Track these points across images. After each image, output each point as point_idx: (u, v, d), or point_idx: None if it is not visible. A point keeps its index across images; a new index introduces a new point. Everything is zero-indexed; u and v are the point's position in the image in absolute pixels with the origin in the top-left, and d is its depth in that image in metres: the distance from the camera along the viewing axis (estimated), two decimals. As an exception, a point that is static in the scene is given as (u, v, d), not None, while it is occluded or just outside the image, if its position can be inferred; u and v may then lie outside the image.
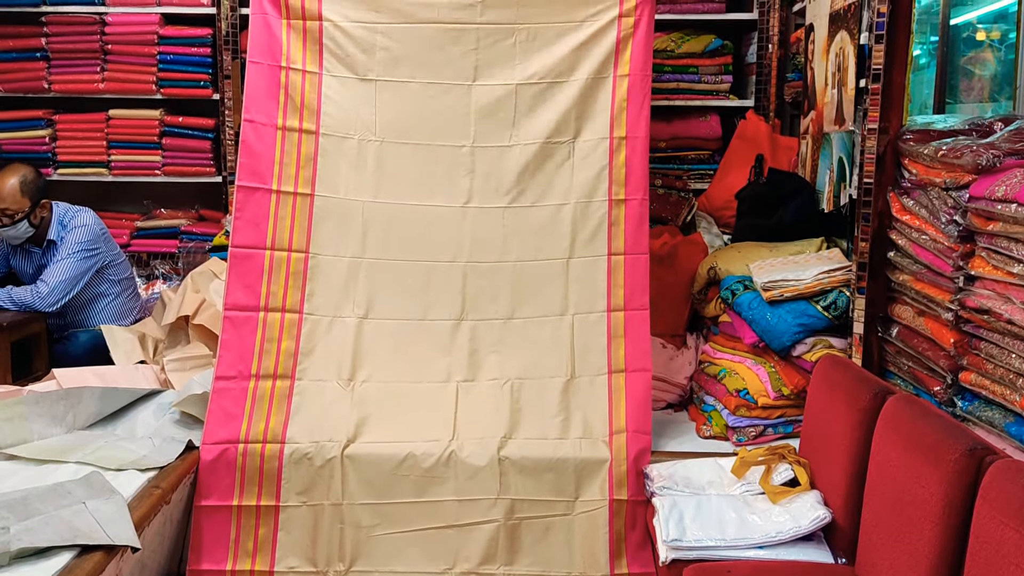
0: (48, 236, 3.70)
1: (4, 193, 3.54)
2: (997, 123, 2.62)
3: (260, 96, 3.05)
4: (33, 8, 4.43)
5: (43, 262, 3.73)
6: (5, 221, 3.56)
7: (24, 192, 3.56)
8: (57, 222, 3.71)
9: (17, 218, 3.56)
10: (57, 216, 3.72)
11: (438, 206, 3.11)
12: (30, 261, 3.79)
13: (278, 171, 3.04)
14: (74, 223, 3.71)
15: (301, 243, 3.05)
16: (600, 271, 3.07)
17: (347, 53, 3.11)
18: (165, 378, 3.34)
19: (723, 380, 3.18)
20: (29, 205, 3.59)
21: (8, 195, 3.54)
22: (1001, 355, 2.22)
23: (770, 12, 4.25)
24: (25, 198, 3.57)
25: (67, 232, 3.69)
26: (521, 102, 3.13)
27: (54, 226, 3.70)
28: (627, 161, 3.09)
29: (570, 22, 3.12)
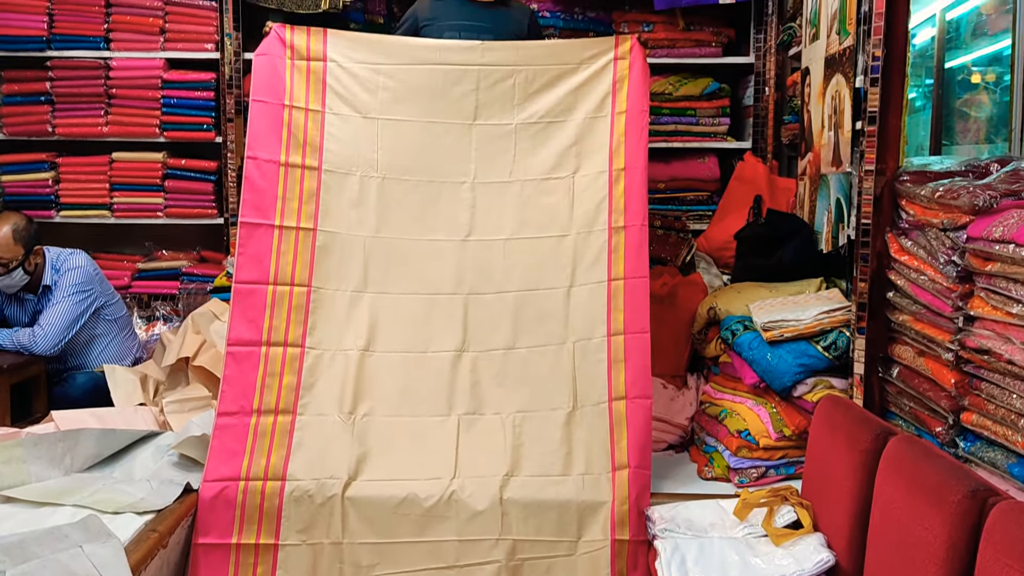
0: (43, 282, 3.70)
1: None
2: (993, 164, 2.65)
3: (263, 133, 3.09)
4: (39, 53, 4.49)
5: (39, 308, 3.73)
6: (0, 270, 3.56)
7: (17, 240, 3.56)
8: (50, 267, 3.71)
9: (12, 266, 3.56)
10: (50, 261, 3.72)
11: (439, 240, 3.14)
12: (24, 309, 3.78)
13: (280, 207, 3.07)
14: (67, 265, 3.71)
15: (303, 277, 3.07)
16: (600, 297, 3.08)
17: (350, 92, 3.15)
18: (164, 420, 3.32)
19: (724, 421, 3.17)
20: (23, 253, 3.58)
21: (1, 244, 3.53)
22: (1002, 395, 2.22)
23: (766, 56, 4.31)
24: (19, 246, 3.57)
25: (60, 275, 3.69)
26: (521, 140, 3.17)
27: (48, 271, 3.70)
28: (626, 190, 3.12)
29: (568, 65, 3.17)
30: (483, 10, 3.49)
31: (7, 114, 4.56)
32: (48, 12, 4.46)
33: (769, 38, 4.29)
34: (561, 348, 3.06)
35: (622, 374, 3.01)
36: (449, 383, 3.03)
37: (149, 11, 4.48)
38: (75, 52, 4.49)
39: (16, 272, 3.58)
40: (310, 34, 3.16)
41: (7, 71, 4.55)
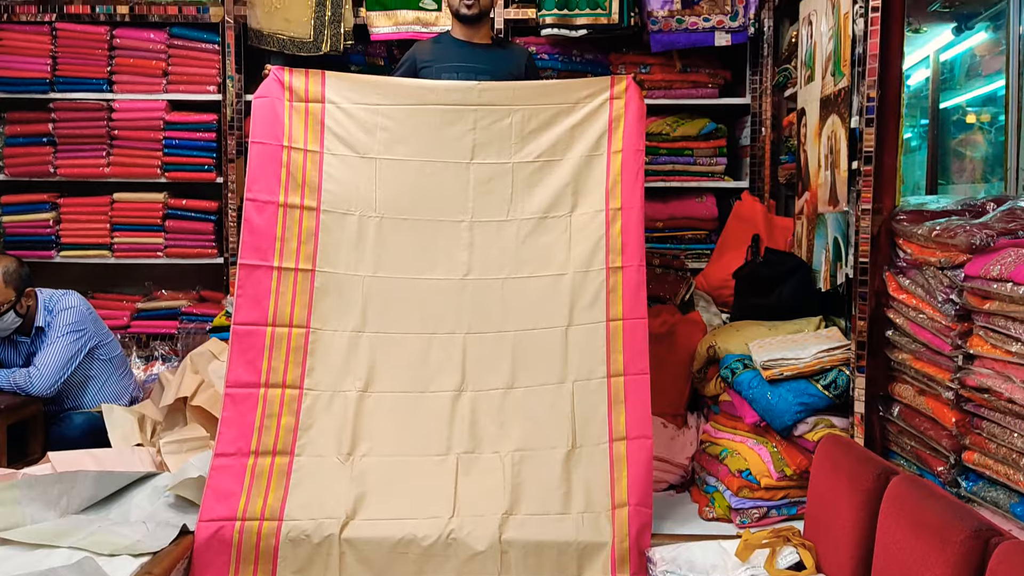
0: (36, 323, 3.69)
1: None
2: (989, 203, 2.66)
3: (262, 174, 3.11)
4: (42, 95, 4.53)
5: (32, 350, 3.71)
6: None
7: (8, 283, 3.55)
8: (43, 308, 3.70)
9: (3, 309, 3.54)
10: (42, 303, 3.71)
11: (438, 279, 3.14)
12: (18, 351, 3.77)
13: (279, 247, 3.07)
14: (60, 306, 3.70)
15: (302, 318, 3.07)
16: (599, 337, 3.08)
17: (348, 133, 3.17)
18: (161, 460, 3.30)
19: (725, 460, 3.16)
20: (14, 295, 3.57)
21: None
22: (1003, 434, 2.21)
23: (762, 97, 4.36)
24: (9, 289, 3.55)
25: (54, 316, 3.68)
26: (518, 179, 3.19)
27: (41, 313, 3.69)
28: (623, 230, 3.13)
29: (564, 104, 3.20)
30: (481, 52, 3.53)
31: (9, 155, 4.59)
32: (52, 55, 4.52)
33: (765, 79, 4.34)
34: (560, 388, 3.05)
35: (622, 415, 3.01)
36: (448, 423, 3.02)
37: (152, 54, 4.53)
38: (78, 94, 4.54)
39: (8, 315, 3.57)
40: (308, 76, 3.18)
41: (10, 113, 4.59)
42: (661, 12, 4.27)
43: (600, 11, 4.27)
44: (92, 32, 4.51)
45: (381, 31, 4.44)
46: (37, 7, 4.52)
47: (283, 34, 4.42)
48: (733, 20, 4.28)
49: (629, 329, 3.07)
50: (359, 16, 4.45)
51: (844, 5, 3.09)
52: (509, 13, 4.39)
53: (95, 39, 4.51)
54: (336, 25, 4.37)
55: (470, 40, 3.52)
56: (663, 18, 4.27)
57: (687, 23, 4.28)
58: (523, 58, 3.66)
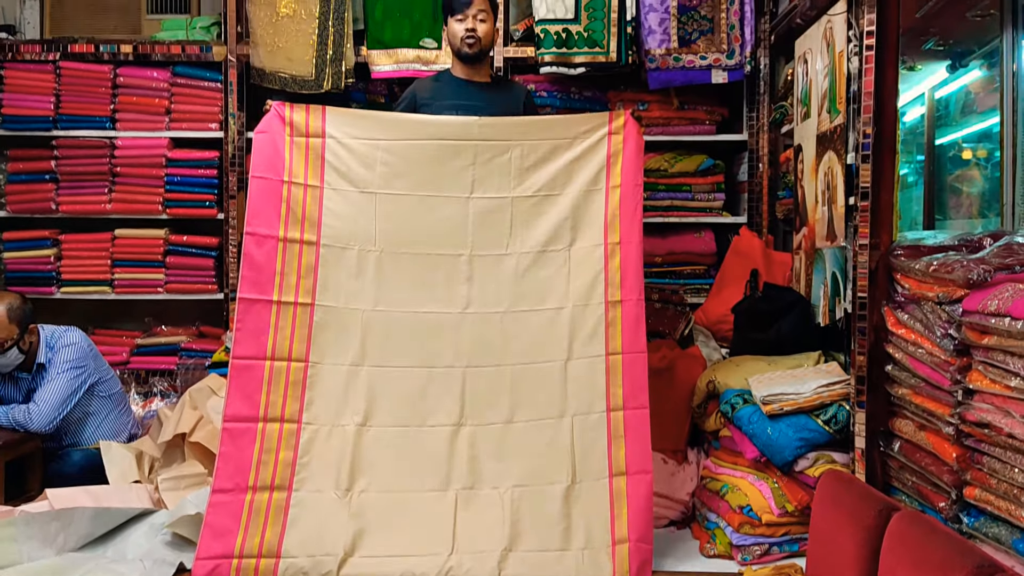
0: (37, 360, 3.69)
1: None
2: (986, 239, 2.68)
3: (262, 209, 3.11)
4: (45, 133, 4.57)
5: (33, 386, 3.71)
6: None
7: (12, 319, 3.56)
8: (44, 345, 3.71)
9: (7, 346, 3.55)
10: (44, 339, 3.72)
11: (437, 312, 3.14)
12: (19, 388, 3.76)
13: (279, 282, 3.08)
14: (62, 343, 3.71)
15: (301, 352, 3.06)
16: (598, 371, 3.08)
17: (348, 167, 3.19)
18: (158, 497, 3.28)
19: (726, 496, 3.14)
20: (18, 332, 3.58)
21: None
22: (1004, 470, 2.21)
23: (759, 133, 4.40)
24: (13, 325, 3.57)
25: (55, 353, 3.69)
26: (517, 213, 3.20)
27: (42, 349, 3.70)
28: (622, 264, 3.14)
29: (563, 139, 3.22)
30: (481, 90, 3.55)
31: (11, 192, 4.62)
32: (56, 93, 4.56)
33: (762, 116, 4.38)
34: (560, 422, 3.05)
35: (622, 450, 2.99)
36: (447, 458, 3.01)
37: (155, 92, 4.58)
38: (81, 132, 4.57)
39: (11, 351, 3.58)
40: (309, 111, 3.21)
41: (13, 150, 4.63)
42: (658, 50, 4.33)
43: (598, 49, 4.32)
44: (96, 71, 4.56)
45: (382, 69, 4.49)
46: (42, 46, 4.58)
47: (285, 72, 4.47)
48: (730, 58, 4.34)
49: (629, 363, 3.07)
50: (360, 55, 4.50)
51: (839, 43, 3.14)
52: (509, 51, 4.45)
53: (99, 77, 4.56)
54: (337, 63, 4.42)
55: (470, 78, 3.55)
56: (660, 56, 4.33)
57: (684, 61, 4.34)
58: (522, 96, 3.69)
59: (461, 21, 3.44)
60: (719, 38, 4.35)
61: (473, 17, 3.43)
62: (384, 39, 4.47)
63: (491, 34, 3.52)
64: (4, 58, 4.56)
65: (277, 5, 4.44)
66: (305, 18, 4.43)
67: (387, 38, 4.47)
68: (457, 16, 3.45)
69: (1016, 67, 3.61)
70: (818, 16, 3.44)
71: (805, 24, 3.63)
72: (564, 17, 4.32)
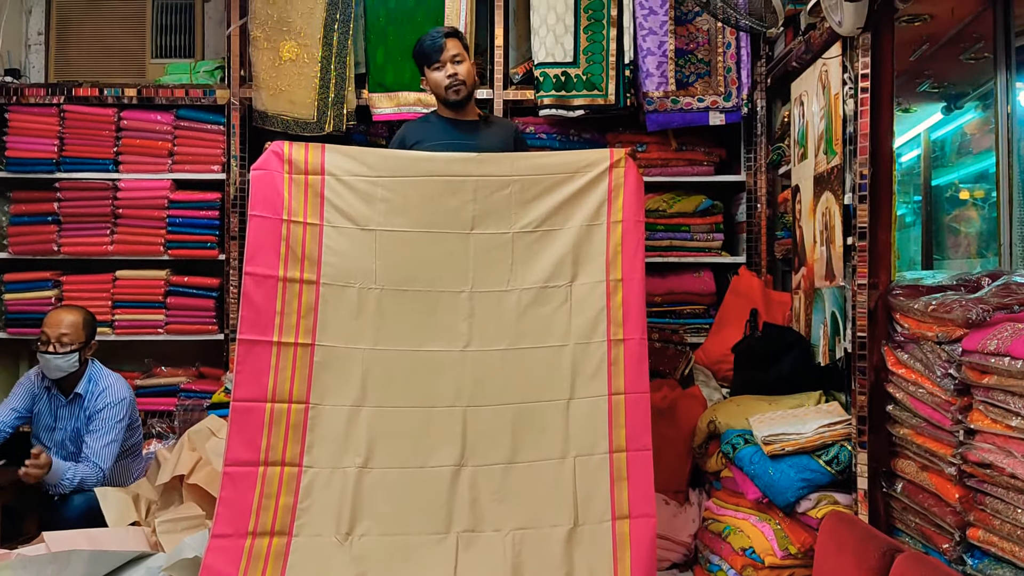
0: (76, 389, 3.72)
1: (69, 321, 3.66)
2: (984, 278, 2.69)
3: (261, 248, 3.09)
4: (48, 175, 4.61)
5: (67, 413, 3.74)
6: (59, 348, 3.62)
7: (85, 327, 3.71)
8: (90, 378, 3.74)
9: (73, 348, 3.63)
10: (91, 373, 3.76)
11: (438, 351, 3.11)
12: (51, 407, 3.78)
13: (279, 322, 3.06)
14: (114, 393, 3.74)
15: (301, 394, 3.04)
16: (601, 411, 3.05)
17: (348, 204, 3.17)
18: (156, 540, 3.25)
19: (728, 538, 3.11)
20: (84, 340, 3.69)
21: (71, 324, 3.65)
22: (1007, 510, 2.19)
23: (757, 174, 4.43)
24: (84, 332, 3.69)
25: (101, 399, 3.71)
26: (518, 249, 3.19)
27: (85, 381, 3.73)
28: (624, 302, 3.12)
29: (563, 173, 3.20)
30: (470, 129, 3.52)
31: (14, 233, 4.64)
32: (59, 136, 4.60)
33: (759, 157, 4.42)
34: (562, 463, 3.02)
35: (625, 492, 2.96)
36: (448, 499, 2.98)
37: (158, 135, 4.62)
38: (84, 174, 4.60)
39: (72, 356, 3.64)
40: (308, 149, 3.19)
41: (16, 192, 4.66)
42: (656, 93, 4.38)
43: (597, 92, 4.37)
44: (100, 114, 4.61)
45: (383, 111, 4.54)
46: (46, 90, 4.63)
47: (287, 115, 4.52)
48: (727, 100, 4.39)
49: (632, 404, 3.04)
50: (361, 97, 4.55)
51: (834, 86, 3.18)
52: (508, 94, 4.50)
53: (102, 121, 4.61)
54: (339, 106, 4.48)
55: (458, 117, 3.52)
56: (658, 98, 4.38)
57: (682, 103, 4.39)
58: (511, 132, 3.66)
59: (439, 69, 3.41)
60: (716, 81, 4.40)
61: (450, 62, 3.39)
62: (386, 82, 4.53)
63: (471, 71, 3.47)
64: (9, 101, 4.61)
65: (280, 49, 4.51)
66: (308, 62, 4.49)
67: (388, 81, 4.53)
68: (434, 65, 3.42)
69: (1011, 108, 3.65)
70: (813, 59, 3.48)
71: (801, 67, 3.68)
72: (563, 60, 4.38)
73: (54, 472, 3.46)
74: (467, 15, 4.43)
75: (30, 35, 5.03)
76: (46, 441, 3.78)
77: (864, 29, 2.89)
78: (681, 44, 4.40)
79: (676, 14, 4.41)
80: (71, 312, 3.73)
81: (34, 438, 3.81)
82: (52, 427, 3.77)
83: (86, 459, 3.62)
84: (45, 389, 3.78)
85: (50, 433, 3.78)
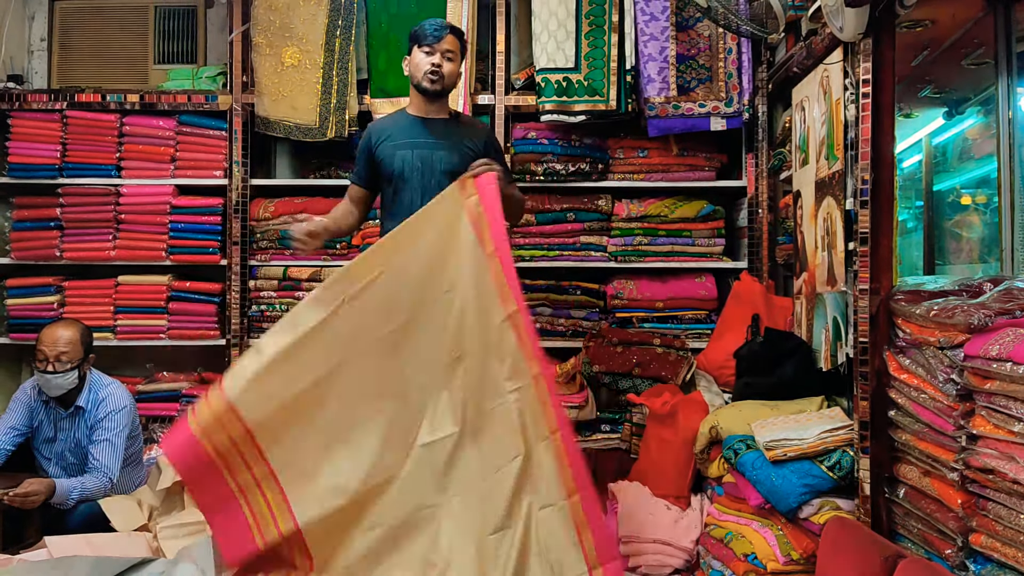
0: (77, 402, 3.72)
1: (66, 339, 3.64)
2: (986, 284, 2.69)
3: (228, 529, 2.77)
4: (50, 180, 4.61)
5: (68, 425, 3.73)
6: (58, 367, 3.61)
7: (81, 342, 3.70)
8: (90, 389, 3.74)
9: (72, 365, 3.63)
10: (90, 383, 3.75)
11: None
12: (50, 419, 3.78)
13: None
14: (114, 402, 3.74)
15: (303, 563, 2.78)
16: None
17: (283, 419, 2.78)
18: (157, 546, 3.26)
19: (730, 544, 3.11)
20: (82, 355, 3.69)
21: (69, 341, 3.64)
22: (1010, 516, 2.19)
23: (759, 179, 4.43)
24: (81, 348, 3.68)
25: (102, 408, 3.71)
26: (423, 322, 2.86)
27: (85, 392, 3.73)
28: (520, 337, 2.73)
29: (427, 231, 2.90)
30: (438, 126, 3.38)
31: (16, 239, 4.65)
32: (62, 142, 4.61)
33: (761, 162, 4.42)
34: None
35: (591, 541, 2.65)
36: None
37: (161, 141, 4.63)
38: (86, 180, 4.61)
39: (71, 373, 3.63)
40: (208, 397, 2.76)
41: (18, 198, 4.67)
42: (658, 98, 4.38)
43: (598, 98, 4.38)
44: (102, 120, 4.62)
45: (385, 117, 4.55)
46: (49, 96, 4.64)
47: (289, 121, 4.53)
48: (728, 106, 4.40)
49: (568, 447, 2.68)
50: (363, 103, 4.56)
51: (835, 91, 3.18)
52: (510, 100, 4.51)
53: (105, 126, 4.62)
54: (341, 112, 4.49)
55: (427, 115, 3.39)
56: (660, 104, 4.38)
57: (683, 109, 4.39)
58: (483, 135, 3.51)
59: (428, 54, 3.27)
60: (717, 86, 4.41)
61: (441, 54, 3.27)
62: (388, 88, 4.54)
63: (455, 75, 3.36)
64: (11, 107, 4.62)
65: (282, 55, 4.52)
66: (310, 68, 4.50)
67: (391, 87, 4.53)
68: (424, 47, 3.28)
69: (1012, 114, 3.66)
70: (814, 65, 3.49)
71: (802, 72, 3.69)
72: (565, 66, 4.39)
73: (59, 494, 3.46)
74: (469, 21, 4.45)
75: (33, 41, 5.05)
76: (46, 453, 3.78)
77: (865, 35, 2.89)
78: (682, 50, 4.41)
79: (677, 20, 4.42)
80: (67, 328, 3.70)
81: (34, 450, 3.81)
82: (52, 439, 3.76)
83: (95, 470, 3.62)
84: (43, 402, 3.77)
85: (50, 445, 3.78)
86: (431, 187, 3.22)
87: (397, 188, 3.34)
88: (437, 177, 3.28)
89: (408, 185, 3.32)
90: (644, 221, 4.51)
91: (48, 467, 3.77)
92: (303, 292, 4.51)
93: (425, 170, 3.31)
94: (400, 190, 3.33)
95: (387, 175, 3.36)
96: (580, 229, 4.53)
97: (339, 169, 4.71)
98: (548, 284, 4.54)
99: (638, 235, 4.52)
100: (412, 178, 3.31)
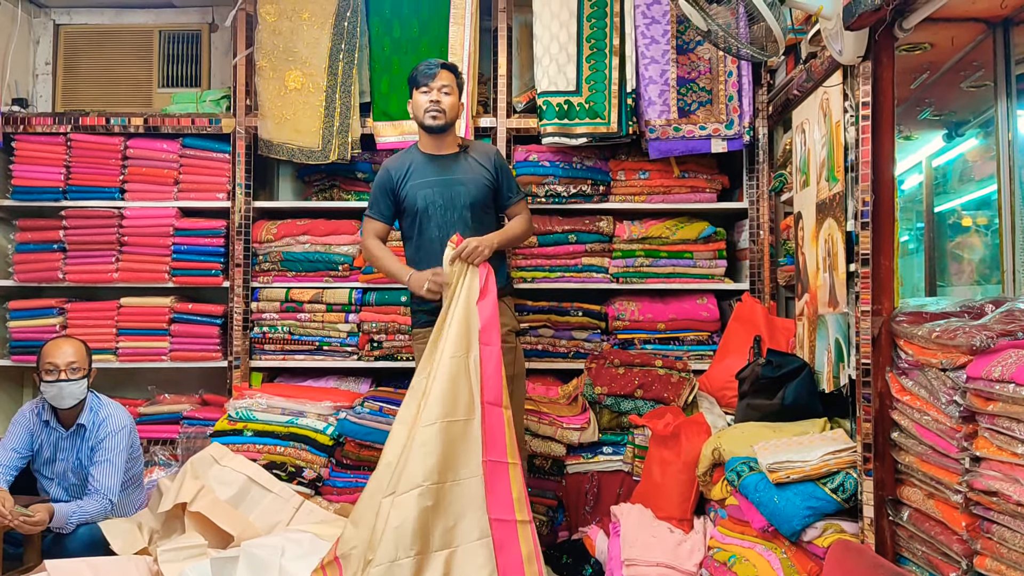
0: (79, 420, 3.71)
1: (73, 349, 3.68)
2: (988, 305, 2.68)
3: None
4: (54, 203, 4.63)
5: (68, 445, 3.72)
6: (71, 376, 3.63)
7: (87, 354, 3.74)
8: (91, 409, 3.74)
9: (82, 375, 3.66)
10: (90, 402, 3.75)
11: None
12: (50, 441, 3.76)
13: None
14: (115, 422, 3.74)
15: None
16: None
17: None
18: (157, 569, 3.24)
19: (734, 567, 3.09)
20: (88, 368, 3.72)
21: (77, 351, 3.68)
22: (1014, 539, 2.18)
23: (759, 201, 4.45)
24: (87, 359, 3.73)
25: (102, 428, 3.71)
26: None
27: (86, 411, 3.73)
28: (487, 373, 3.10)
29: None
30: (451, 162, 3.56)
31: (19, 261, 4.66)
32: (66, 164, 4.64)
33: (761, 184, 4.44)
34: None
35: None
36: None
37: (164, 163, 4.66)
38: (90, 202, 4.64)
39: (81, 382, 3.66)
40: None
41: (22, 220, 4.69)
42: (658, 121, 4.41)
43: (599, 120, 4.41)
44: (106, 143, 4.65)
45: (387, 140, 4.58)
46: (53, 119, 4.68)
47: (292, 143, 4.56)
48: (728, 128, 4.42)
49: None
50: (366, 126, 4.59)
51: (835, 114, 3.19)
52: (512, 122, 4.54)
53: (109, 149, 4.65)
54: (344, 135, 4.51)
55: (438, 152, 3.56)
56: (660, 126, 4.40)
57: (684, 131, 4.41)
58: (492, 158, 3.67)
59: (425, 93, 3.49)
60: (718, 109, 4.43)
61: (438, 90, 3.48)
62: (390, 111, 4.57)
63: (456, 107, 3.56)
64: (16, 130, 4.66)
65: (285, 79, 4.55)
66: (313, 91, 4.53)
67: (393, 110, 4.56)
68: (421, 88, 3.50)
69: (1011, 136, 3.67)
70: (814, 87, 3.51)
71: (802, 95, 3.70)
72: (566, 89, 4.42)
73: (58, 519, 3.45)
74: (471, 44, 4.48)
75: (38, 65, 5.10)
76: (47, 474, 3.77)
77: (864, 58, 2.91)
78: (683, 72, 4.44)
79: (678, 43, 4.45)
80: (70, 342, 3.73)
81: (35, 472, 3.80)
82: (53, 460, 3.75)
83: (95, 492, 3.61)
84: (43, 423, 3.76)
85: (51, 466, 3.77)
86: (453, 221, 3.51)
87: (421, 222, 3.55)
88: (459, 211, 3.51)
89: (432, 221, 3.52)
90: (645, 242, 4.52)
91: (50, 488, 3.75)
92: (305, 314, 4.51)
93: (447, 206, 3.52)
94: (424, 224, 3.54)
95: (411, 211, 3.55)
96: (581, 251, 4.55)
97: (341, 191, 4.73)
98: (550, 305, 4.54)
99: (639, 256, 4.53)
100: (435, 214, 3.52)
